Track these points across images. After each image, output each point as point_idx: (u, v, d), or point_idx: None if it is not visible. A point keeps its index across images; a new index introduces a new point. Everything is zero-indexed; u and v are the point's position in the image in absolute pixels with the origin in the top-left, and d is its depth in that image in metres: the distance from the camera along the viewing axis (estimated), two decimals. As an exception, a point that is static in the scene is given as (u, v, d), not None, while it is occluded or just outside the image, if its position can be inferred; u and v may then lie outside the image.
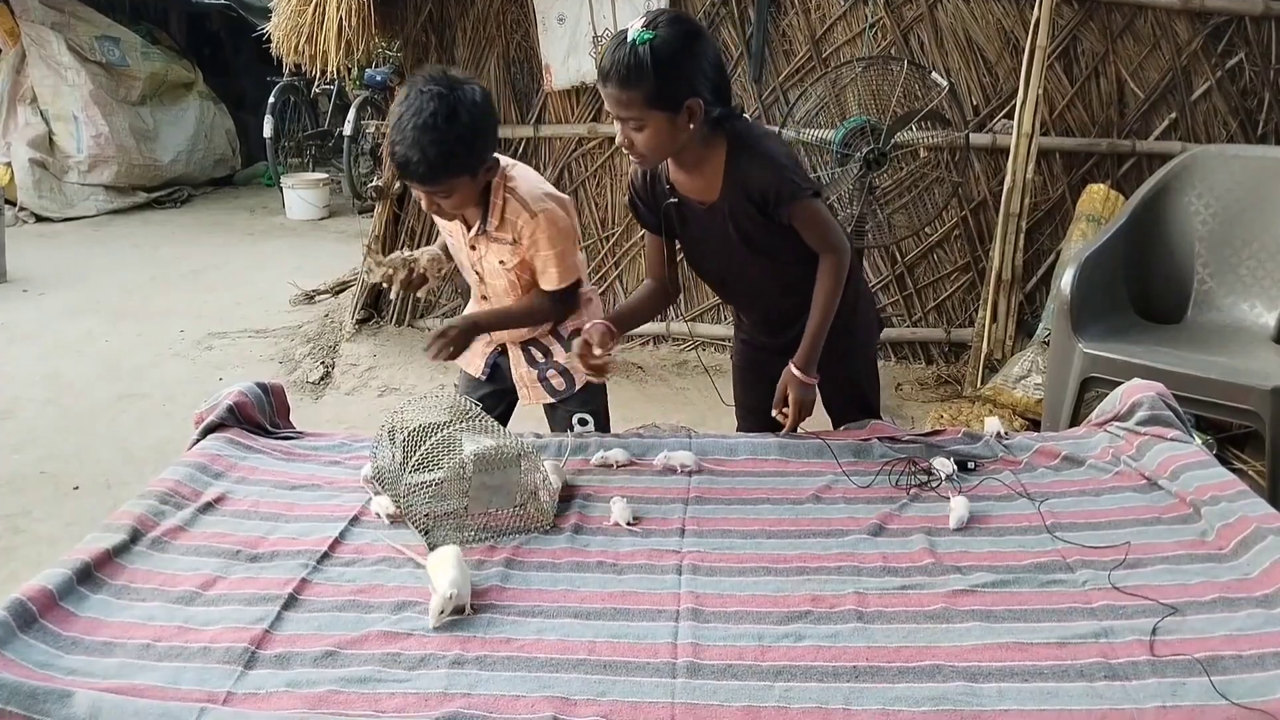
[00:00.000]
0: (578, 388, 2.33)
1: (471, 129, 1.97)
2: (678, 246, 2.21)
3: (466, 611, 1.46)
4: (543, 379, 2.30)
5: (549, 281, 2.17)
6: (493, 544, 1.70)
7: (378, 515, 1.76)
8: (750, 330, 2.34)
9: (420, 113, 1.93)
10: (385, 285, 2.22)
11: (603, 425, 2.35)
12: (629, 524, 1.75)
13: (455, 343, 2.12)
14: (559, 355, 2.29)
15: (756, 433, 2.21)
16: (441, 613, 1.43)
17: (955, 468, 1.93)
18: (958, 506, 1.76)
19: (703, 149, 1.97)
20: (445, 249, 2.31)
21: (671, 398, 4.07)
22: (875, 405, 2.36)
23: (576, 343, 2.00)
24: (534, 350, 2.30)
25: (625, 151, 1.95)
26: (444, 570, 1.48)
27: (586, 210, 4.57)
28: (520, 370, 2.30)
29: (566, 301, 2.23)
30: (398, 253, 2.23)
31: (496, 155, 2.10)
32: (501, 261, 2.17)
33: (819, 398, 2.15)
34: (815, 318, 2.04)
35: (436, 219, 2.24)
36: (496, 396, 2.38)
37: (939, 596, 1.52)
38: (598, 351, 1.98)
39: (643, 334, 4.58)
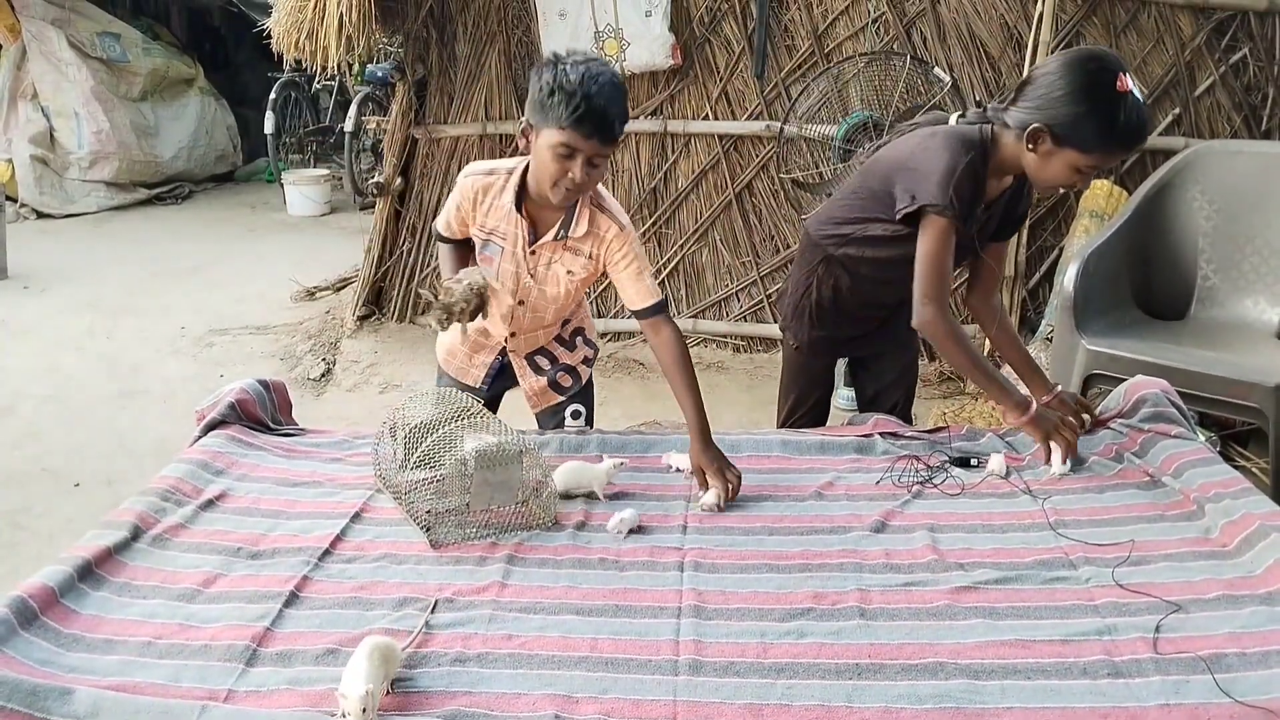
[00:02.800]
0: (584, 383, 2.32)
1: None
2: None
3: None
4: (552, 382, 2.27)
5: (649, 293, 2.03)
6: (494, 540, 1.70)
7: None
8: (841, 319, 2.32)
9: (604, 72, 1.82)
10: (454, 320, 1.96)
11: (589, 421, 2.34)
12: (630, 531, 1.74)
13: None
14: (563, 356, 2.27)
15: (787, 429, 2.23)
16: (364, 711, 1.20)
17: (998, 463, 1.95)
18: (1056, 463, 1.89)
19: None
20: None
21: (673, 395, 4.06)
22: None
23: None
24: (540, 359, 2.24)
25: (1055, 191, 1.93)
26: (354, 671, 1.26)
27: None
28: (529, 382, 2.25)
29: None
30: (454, 285, 1.96)
31: None
32: (570, 272, 2.06)
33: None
34: (1019, 351, 2.23)
35: (478, 223, 2.06)
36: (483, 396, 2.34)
37: (942, 593, 1.52)
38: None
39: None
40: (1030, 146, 1.90)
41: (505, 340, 2.21)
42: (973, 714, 1.25)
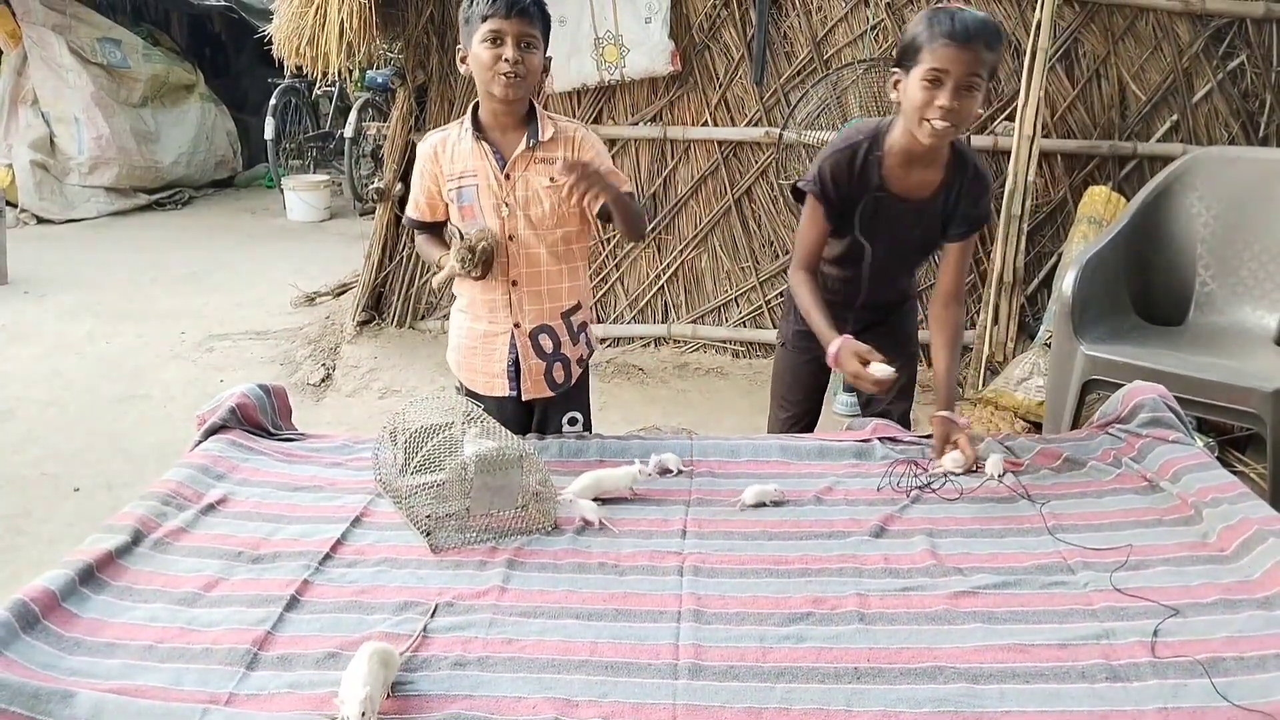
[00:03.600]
0: (573, 382, 2.31)
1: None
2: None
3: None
4: (547, 373, 2.26)
5: (624, 180, 2.16)
6: (494, 545, 1.70)
7: None
8: (839, 311, 2.30)
9: None
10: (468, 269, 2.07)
11: (587, 426, 2.35)
12: (601, 522, 1.77)
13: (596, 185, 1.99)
14: (566, 347, 2.27)
15: (785, 434, 2.23)
16: (363, 715, 1.21)
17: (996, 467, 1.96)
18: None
19: (942, 145, 2.03)
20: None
21: (673, 400, 4.07)
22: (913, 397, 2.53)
23: (856, 366, 1.94)
24: (544, 339, 2.23)
25: (936, 122, 1.91)
26: (353, 675, 1.26)
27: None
28: (529, 362, 2.23)
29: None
30: (469, 238, 2.08)
31: None
32: (551, 180, 2.09)
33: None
34: (949, 369, 2.16)
35: (447, 174, 2.14)
36: (522, 407, 2.31)
37: (940, 598, 1.52)
38: (872, 356, 1.96)
39: (644, 336, 4.59)
40: (896, 97, 1.99)
41: (509, 297, 2.17)
42: (971, 718, 1.26)
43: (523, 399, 2.26)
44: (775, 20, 4.25)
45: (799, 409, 2.49)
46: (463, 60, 2.09)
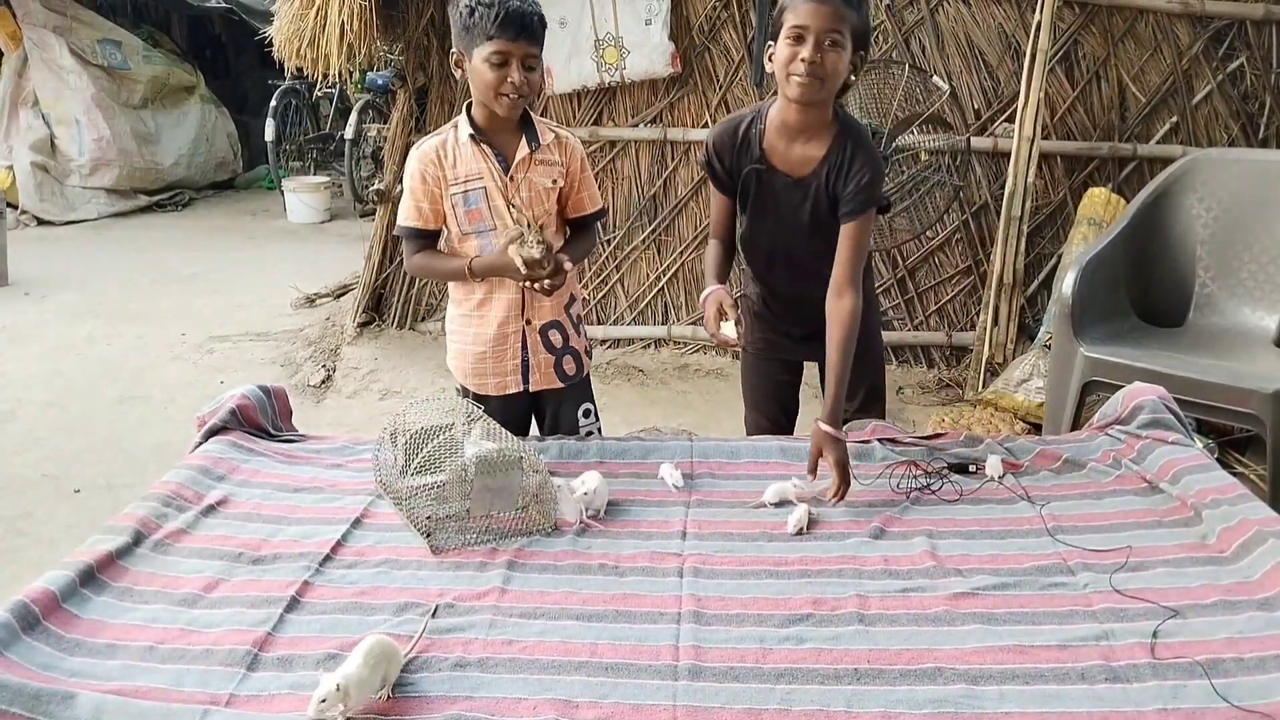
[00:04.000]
0: (584, 373, 2.33)
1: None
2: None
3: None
4: (556, 365, 2.26)
5: (592, 202, 2.26)
6: (495, 546, 1.70)
7: None
8: (772, 316, 2.35)
9: None
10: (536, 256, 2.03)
11: (596, 417, 2.39)
12: (588, 519, 1.78)
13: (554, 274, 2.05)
14: (573, 339, 2.27)
15: (784, 436, 2.23)
16: (322, 701, 1.22)
17: (997, 466, 1.96)
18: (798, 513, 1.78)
19: (820, 118, 2.05)
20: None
21: (673, 401, 4.08)
22: (884, 406, 2.44)
23: (712, 313, 2.01)
24: (554, 334, 2.25)
25: (800, 76, 1.94)
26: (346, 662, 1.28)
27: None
28: (539, 356, 2.24)
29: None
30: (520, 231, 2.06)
31: None
32: (554, 181, 2.17)
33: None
34: (836, 367, 1.96)
35: (449, 178, 2.13)
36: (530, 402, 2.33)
37: (940, 599, 1.52)
38: (730, 315, 1.99)
39: (644, 337, 4.59)
40: (770, 68, 2.02)
41: (521, 295, 2.17)
42: (971, 719, 1.26)
43: (531, 390, 2.27)
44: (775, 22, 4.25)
45: (773, 412, 2.46)
46: (457, 64, 2.09)
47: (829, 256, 2.04)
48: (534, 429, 2.39)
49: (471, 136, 2.11)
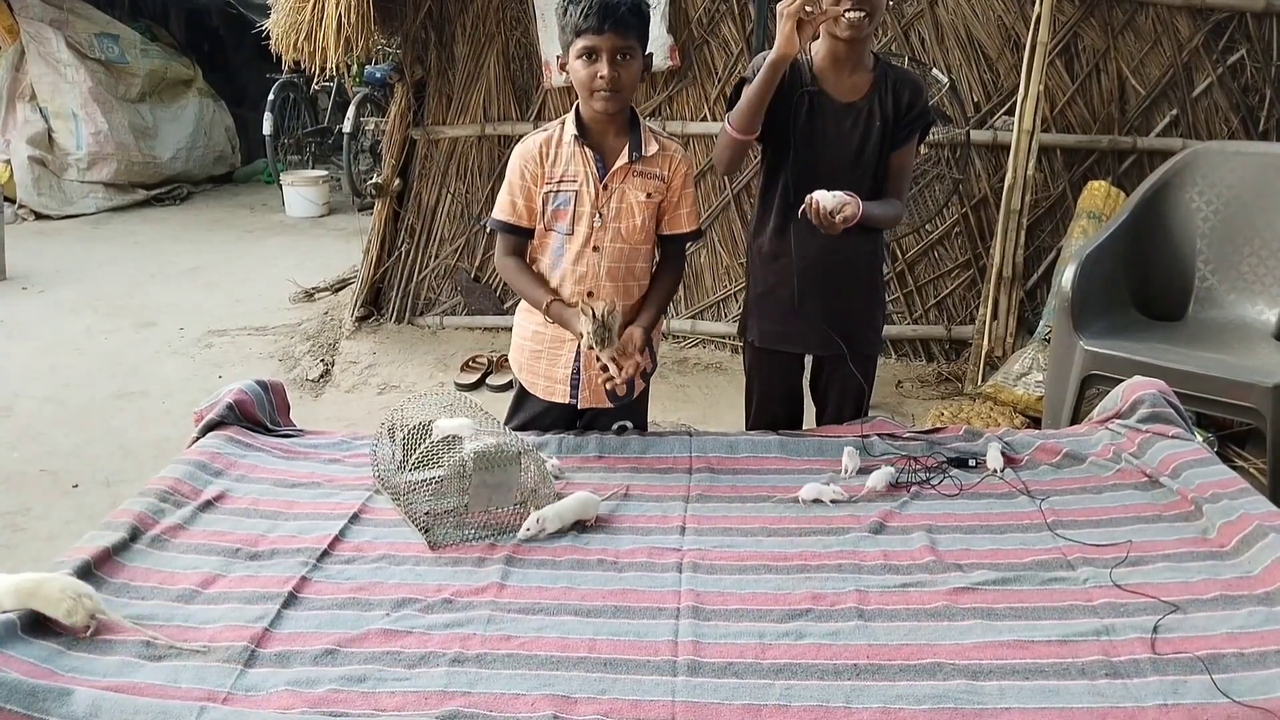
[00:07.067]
0: (634, 396, 2.21)
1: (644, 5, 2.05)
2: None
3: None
4: (609, 390, 2.13)
5: (689, 221, 2.18)
6: (493, 542, 1.70)
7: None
8: (789, 294, 2.28)
9: None
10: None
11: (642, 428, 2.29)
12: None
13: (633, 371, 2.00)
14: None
15: (783, 431, 2.21)
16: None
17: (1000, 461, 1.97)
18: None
19: (865, 50, 2.17)
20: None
21: (672, 395, 4.07)
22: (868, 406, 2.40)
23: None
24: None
25: (848, 17, 2.06)
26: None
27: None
28: (591, 372, 2.13)
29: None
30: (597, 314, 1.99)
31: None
32: (649, 195, 2.09)
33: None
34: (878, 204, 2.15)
35: (547, 176, 2.08)
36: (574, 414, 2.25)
37: (940, 594, 1.52)
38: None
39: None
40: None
41: (580, 306, 2.06)
42: (971, 714, 1.26)
43: (579, 407, 2.19)
44: (774, 15, 4.23)
45: (780, 409, 2.41)
46: (562, 68, 2.06)
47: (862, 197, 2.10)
48: None
49: (575, 137, 2.06)
